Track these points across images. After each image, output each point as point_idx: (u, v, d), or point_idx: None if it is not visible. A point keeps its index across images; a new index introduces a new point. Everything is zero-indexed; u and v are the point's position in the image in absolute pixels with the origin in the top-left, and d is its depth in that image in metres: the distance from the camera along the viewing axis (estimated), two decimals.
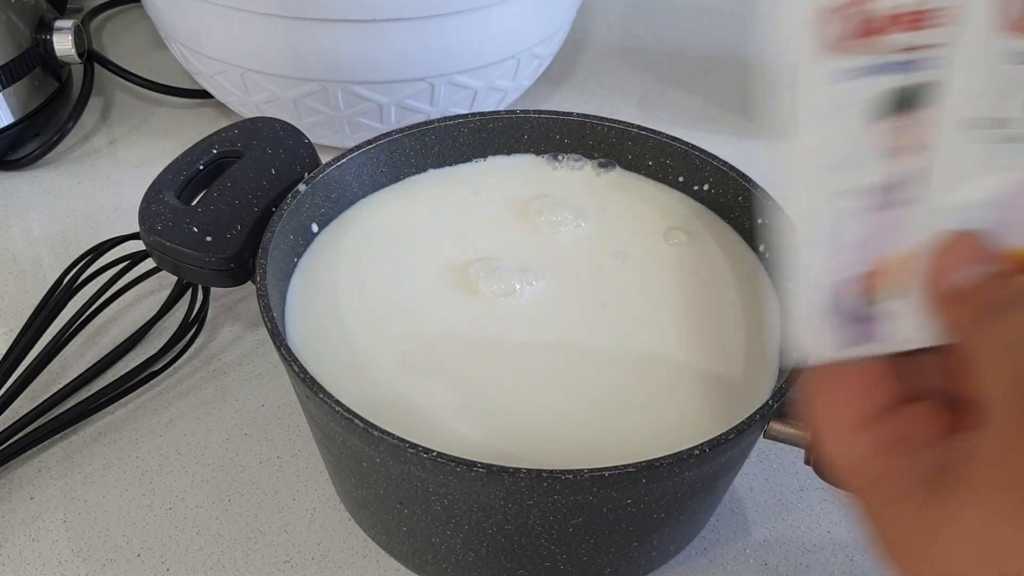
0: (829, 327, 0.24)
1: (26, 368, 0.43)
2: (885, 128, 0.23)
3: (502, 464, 0.28)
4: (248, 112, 0.59)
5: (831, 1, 0.22)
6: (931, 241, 0.23)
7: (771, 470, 0.43)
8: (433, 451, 0.28)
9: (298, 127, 0.42)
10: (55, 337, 0.45)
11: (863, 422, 0.23)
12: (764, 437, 0.32)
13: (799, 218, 0.24)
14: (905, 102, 0.23)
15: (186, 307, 0.48)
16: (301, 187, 0.39)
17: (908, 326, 0.23)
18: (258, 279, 0.35)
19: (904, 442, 0.22)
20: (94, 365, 0.45)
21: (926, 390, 0.24)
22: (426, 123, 0.42)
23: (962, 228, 0.23)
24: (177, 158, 0.40)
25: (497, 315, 0.37)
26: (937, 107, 0.23)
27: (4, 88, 0.57)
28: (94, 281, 0.47)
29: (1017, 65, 0.22)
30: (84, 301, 0.46)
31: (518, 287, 0.38)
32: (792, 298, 0.24)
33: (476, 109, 0.59)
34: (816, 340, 0.24)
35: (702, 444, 0.29)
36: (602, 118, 0.43)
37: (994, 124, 0.22)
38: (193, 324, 0.47)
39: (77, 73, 0.64)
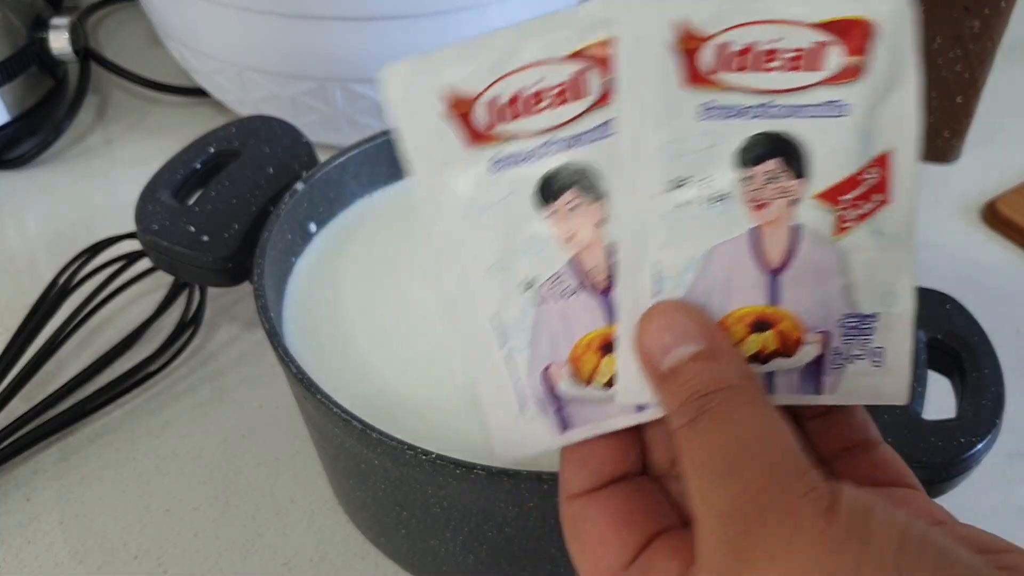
0: (538, 419, 0.23)
1: (22, 369, 0.43)
2: (555, 213, 0.22)
3: (502, 466, 0.28)
4: (245, 110, 0.58)
5: (458, 93, 0.21)
6: (636, 317, 0.22)
7: None
8: (432, 453, 0.28)
9: (296, 125, 0.42)
10: (51, 337, 0.44)
11: (620, 569, 0.22)
12: None
13: (475, 317, 0.22)
14: (571, 184, 0.22)
15: (183, 307, 0.47)
16: (299, 186, 0.38)
17: (618, 406, 0.22)
18: (255, 279, 0.34)
19: None
20: (90, 366, 0.44)
21: (674, 519, 0.23)
22: None
23: (668, 299, 0.22)
24: (174, 157, 0.40)
25: None
26: (615, 182, 0.21)
27: (0, 86, 0.56)
28: (90, 281, 0.47)
29: (714, 120, 0.21)
30: (80, 301, 0.46)
31: None
32: (485, 403, 0.23)
33: None
34: (527, 436, 0.23)
35: None
36: None
37: (701, 187, 0.21)
38: (190, 324, 0.47)
39: (73, 71, 0.64)
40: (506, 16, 0.54)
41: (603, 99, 0.21)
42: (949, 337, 0.33)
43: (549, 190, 0.22)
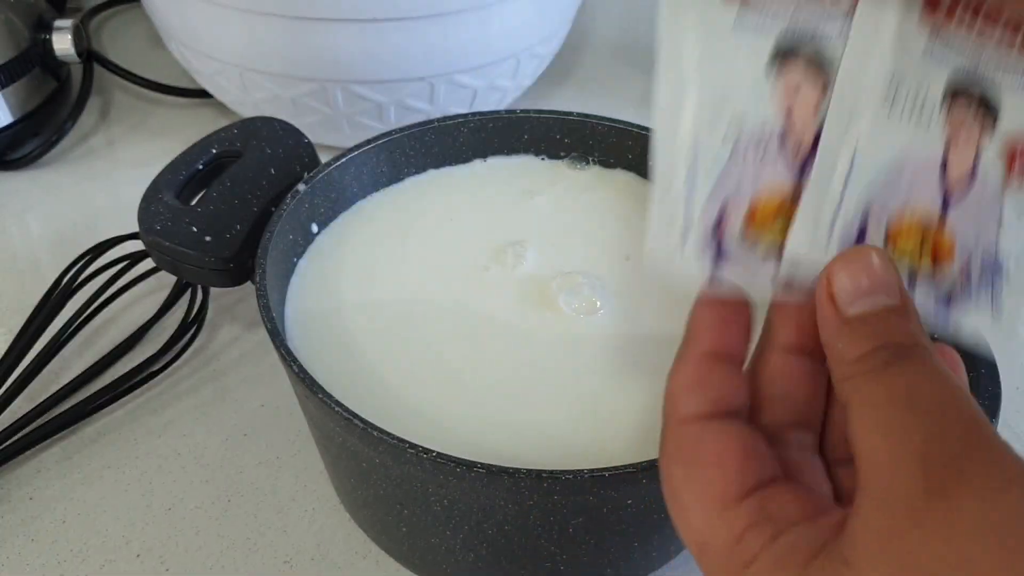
0: (694, 249, 0.24)
1: (25, 368, 0.43)
2: (784, 80, 0.23)
3: (502, 464, 0.28)
4: (247, 111, 0.59)
5: None
6: (826, 183, 0.23)
7: None
8: (433, 451, 0.28)
9: (297, 126, 0.42)
10: (54, 337, 0.45)
11: (734, 499, 0.21)
12: None
13: (678, 129, 0.24)
14: (805, 60, 0.23)
15: (185, 307, 0.48)
16: (300, 187, 0.38)
17: (768, 277, 0.24)
18: (257, 279, 0.35)
19: (772, 522, 0.20)
20: (93, 365, 0.45)
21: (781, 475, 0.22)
22: (426, 123, 0.42)
23: (868, 244, 0.23)
24: (176, 158, 0.40)
25: (492, 317, 0.37)
26: (843, 75, 0.23)
27: (3, 88, 0.57)
28: (93, 281, 0.47)
29: (936, 65, 0.23)
30: (83, 301, 0.46)
31: (519, 287, 0.38)
32: (656, 212, 0.24)
33: (476, 108, 0.59)
34: (678, 258, 0.24)
35: None
36: (602, 118, 0.43)
37: (917, 95, 0.23)
38: (192, 324, 0.47)
39: (76, 73, 0.64)
40: (506, 18, 0.54)
41: (851, 10, 0.23)
42: (946, 337, 0.34)
43: (786, 55, 0.23)
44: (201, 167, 0.40)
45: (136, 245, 0.46)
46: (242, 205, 0.38)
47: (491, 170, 0.44)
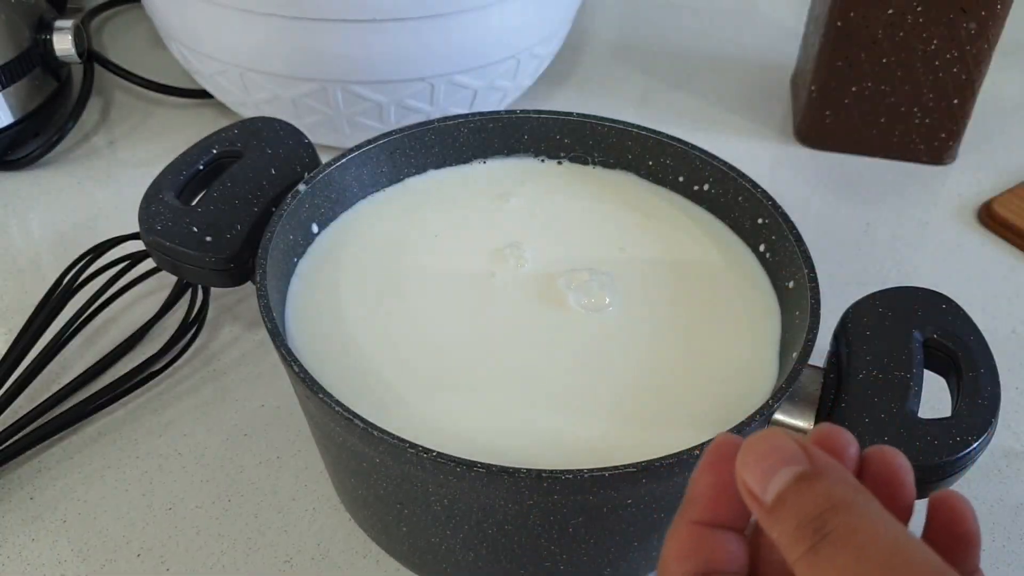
0: None
1: (26, 368, 0.43)
2: None
3: (502, 464, 0.28)
4: (248, 112, 0.59)
5: None
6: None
7: None
8: (433, 451, 0.28)
9: (298, 127, 0.42)
10: (55, 337, 0.45)
11: None
12: None
13: None
14: None
15: (186, 307, 0.48)
16: (301, 187, 0.39)
17: None
18: (258, 279, 0.35)
19: None
20: (94, 365, 0.45)
21: None
22: (426, 123, 0.42)
23: (760, 430, 0.21)
24: (177, 158, 0.40)
25: (497, 316, 0.37)
26: None
27: (4, 88, 0.57)
28: (94, 281, 0.47)
29: None
30: (84, 301, 0.46)
31: (523, 286, 0.38)
32: None
33: (476, 109, 0.59)
34: None
35: (703, 444, 0.29)
36: (602, 118, 0.43)
37: None
38: (193, 324, 0.47)
39: (77, 73, 0.64)
40: (506, 18, 0.54)
41: None
42: (945, 337, 0.34)
43: None
44: (201, 167, 0.40)
45: (137, 245, 0.46)
46: (242, 205, 0.38)
47: (491, 170, 0.44)
